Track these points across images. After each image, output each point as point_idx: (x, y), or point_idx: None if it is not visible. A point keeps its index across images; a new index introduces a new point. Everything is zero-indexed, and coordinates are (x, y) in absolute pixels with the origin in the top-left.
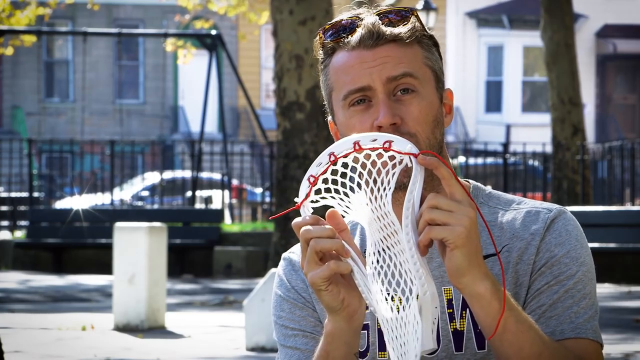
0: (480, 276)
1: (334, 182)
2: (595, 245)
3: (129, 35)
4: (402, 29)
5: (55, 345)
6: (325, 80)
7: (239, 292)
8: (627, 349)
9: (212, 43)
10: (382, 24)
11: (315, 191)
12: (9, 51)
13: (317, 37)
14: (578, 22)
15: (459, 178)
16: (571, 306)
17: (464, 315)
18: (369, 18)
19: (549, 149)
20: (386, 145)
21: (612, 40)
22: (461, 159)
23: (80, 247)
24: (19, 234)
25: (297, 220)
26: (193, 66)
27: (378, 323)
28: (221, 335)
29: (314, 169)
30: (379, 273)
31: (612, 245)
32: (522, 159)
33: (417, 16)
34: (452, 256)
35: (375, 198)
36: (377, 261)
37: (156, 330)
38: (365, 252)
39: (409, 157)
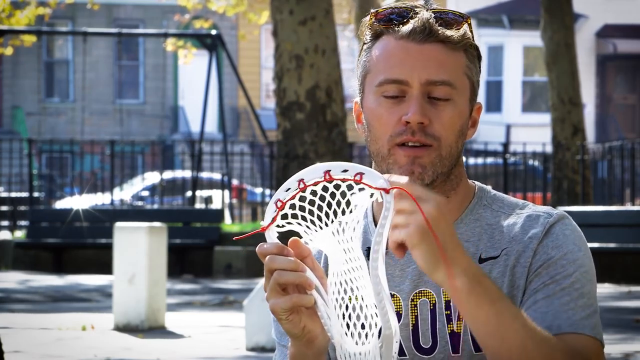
0: (454, 272)
1: (302, 208)
2: (595, 245)
3: (129, 35)
4: (453, 33)
5: (55, 345)
6: (364, 60)
7: (239, 292)
8: (627, 349)
9: (212, 43)
10: (436, 23)
11: (282, 216)
12: (9, 51)
13: (368, 18)
14: (578, 22)
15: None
16: (568, 303)
17: (461, 317)
18: (424, 13)
19: (549, 149)
20: (357, 177)
21: (612, 40)
22: None
23: (80, 247)
24: (19, 234)
25: (262, 247)
26: (193, 66)
27: None
28: (221, 335)
29: (281, 194)
30: (340, 306)
31: (612, 245)
32: (522, 159)
33: (469, 24)
34: (414, 257)
35: (343, 230)
36: (339, 292)
37: (156, 330)
38: (367, 249)
39: (380, 193)
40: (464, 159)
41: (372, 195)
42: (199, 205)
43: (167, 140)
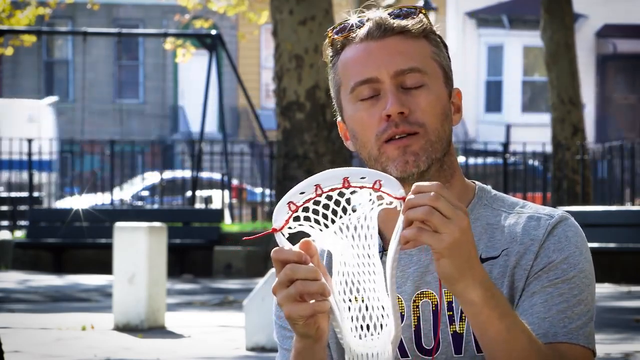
0: (473, 284)
1: (315, 211)
2: (595, 245)
3: (129, 35)
4: (409, 22)
5: (55, 345)
6: (333, 77)
7: (239, 292)
8: (627, 349)
9: (212, 43)
10: (390, 17)
11: (294, 218)
12: (9, 51)
13: (327, 38)
14: (578, 22)
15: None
16: (565, 310)
17: (463, 318)
18: (377, 13)
19: (549, 149)
20: (376, 185)
21: (612, 40)
22: (461, 158)
23: (80, 247)
24: (19, 234)
25: (280, 253)
26: (193, 66)
27: None
28: (221, 335)
29: (295, 196)
30: (349, 308)
31: (612, 245)
32: (522, 159)
33: (425, 14)
34: (439, 264)
35: (359, 236)
36: (344, 291)
37: (156, 330)
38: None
39: (400, 202)
40: (463, 158)
41: (391, 203)
42: (199, 205)
43: (167, 140)
